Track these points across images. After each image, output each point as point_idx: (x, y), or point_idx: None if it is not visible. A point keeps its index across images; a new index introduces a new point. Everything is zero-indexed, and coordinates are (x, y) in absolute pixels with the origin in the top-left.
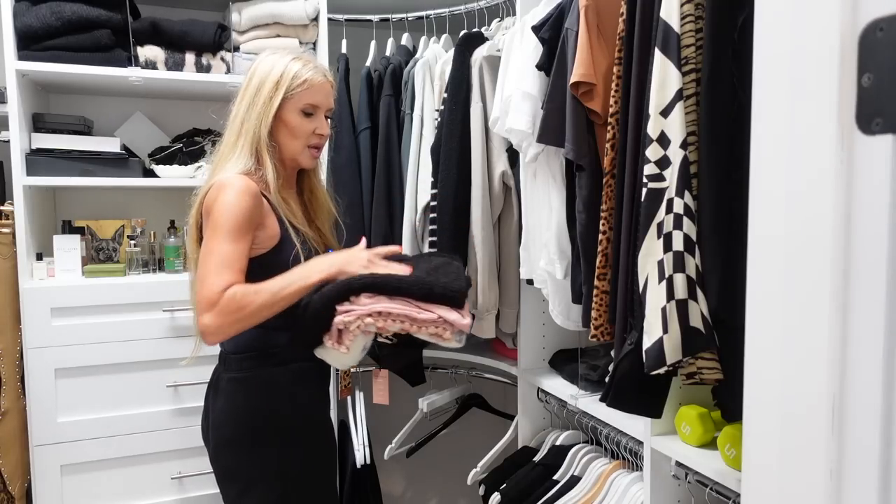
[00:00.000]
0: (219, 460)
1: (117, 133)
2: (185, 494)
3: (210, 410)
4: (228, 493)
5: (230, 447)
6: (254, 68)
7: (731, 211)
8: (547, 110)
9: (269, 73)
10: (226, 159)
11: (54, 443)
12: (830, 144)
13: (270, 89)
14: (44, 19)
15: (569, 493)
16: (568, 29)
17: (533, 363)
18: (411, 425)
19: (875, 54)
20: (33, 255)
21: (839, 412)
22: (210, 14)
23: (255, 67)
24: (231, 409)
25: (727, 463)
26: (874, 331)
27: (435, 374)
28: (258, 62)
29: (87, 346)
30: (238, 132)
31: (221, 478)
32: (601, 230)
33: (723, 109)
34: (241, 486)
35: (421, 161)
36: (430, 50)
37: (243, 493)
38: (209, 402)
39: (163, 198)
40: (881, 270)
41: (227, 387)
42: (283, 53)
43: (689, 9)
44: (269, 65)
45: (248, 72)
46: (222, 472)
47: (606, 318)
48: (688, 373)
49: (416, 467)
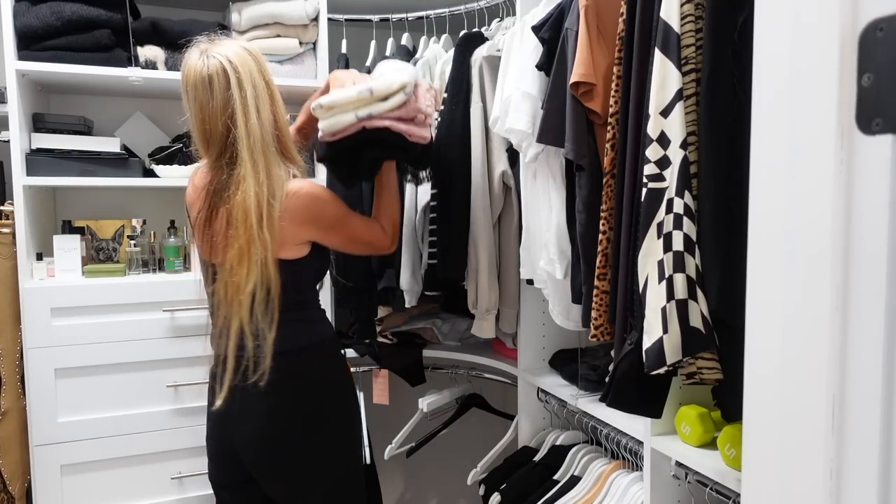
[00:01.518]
0: (280, 458)
1: (117, 133)
2: (185, 494)
3: (258, 412)
4: (296, 488)
5: (297, 442)
6: (236, 63)
7: (731, 211)
8: (547, 110)
9: (251, 71)
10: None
11: (54, 443)
12: (830, 144)
13: (266, 87)
14: (44, 19)
15: (569, 493)
16: (568, 29)
17: (533, 363)
18: (411, 425)
19: (875, 54)
20: (33, 255)
21: (839, 412)
22: (210, 14)
23: (237, 61)
24: (319, 399)
25: (727, 463)
26: (874, 331)
27: (435, 374)
28: (235, 57)
29: (87, 346)
30: (260, 139)
31: (281, 475)
32: (601, 230)
33: (723, 109)
34: (322, 456)
35: None
36: (430, 50)
37: (324, 457)
38: (253, 404)
39: (163, 198)
40: (881, 270)
41: (314, 380)
42: (207, 52)
43: (689, 9)
44: (241, 63)
45: (229, 83)
46: (287, 468)
47: (606, 318)
48: (688, 373)
49: (416, 467)
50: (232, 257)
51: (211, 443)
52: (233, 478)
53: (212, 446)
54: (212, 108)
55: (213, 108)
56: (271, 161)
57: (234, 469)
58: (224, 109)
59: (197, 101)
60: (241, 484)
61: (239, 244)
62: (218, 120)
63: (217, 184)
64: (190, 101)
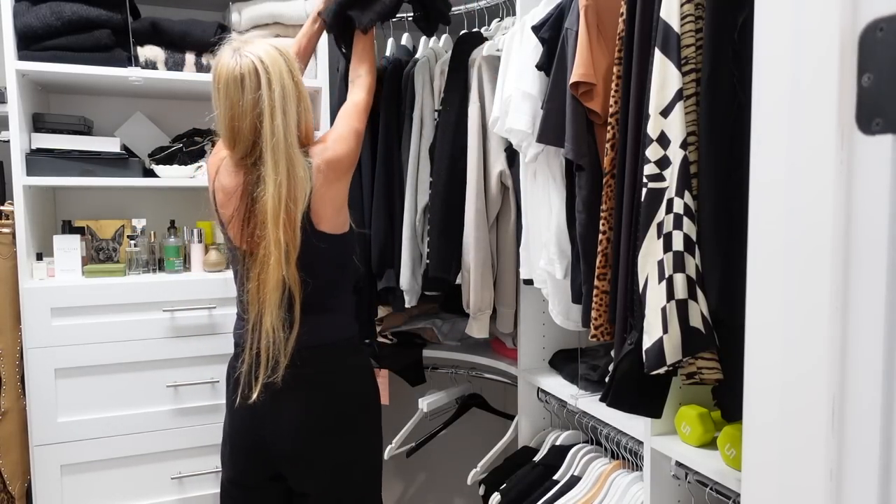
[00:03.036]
0: (316, 451)
1: (117, 133)
2: (185, 494)
3: (296, 405)
4: (329, 480)
5: (334, 435)
6: (264, 71)
7: (731, 211)
8: (547, 110)
9: (281, 71)
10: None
11: (54, 443)
12: (830, 144)
13: (294, 87)
14: (44, 19)
15: (569, 493)
16: (568, 29)
17: (533, 363)
18: (411, 425)
19: (875, 54)
20: (33, 255)
21: (839, 412)
22: (210, 14)
23: (268, 62)
24: (353, 392)
25: (727, 463)
26: (874, 331)
27: (435, 374)
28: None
29: (87, 346)
30: (283, 140)
31: (316, 468)
32: (601, 230)
33: (723, 109)
34: (359, 454)
35: (421, 161)
36: (429, 50)
37: (361, 454)
38: (290, 398)
39: (163, 198)
40: (881, 270)
41: (348, 374)
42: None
43: (689, 9)
44: (272, 62)
45: (259, 82)
46: (322, 461)
47: (606, 318)
48: (688, 373)
49: (416, 467)
50: (260, 256)
51: (234, 439)
52: (255, 475)
53: (235, 442)
54: (241, 107)
55: (242, 106)
56: (294, 162)
57: (259, 466)
58: (253, 109)
59: (228, 98)
60: (262, 481)
61: (264, 243)
62: (246, 119)
63: (249, 184)
64: (220, 98)
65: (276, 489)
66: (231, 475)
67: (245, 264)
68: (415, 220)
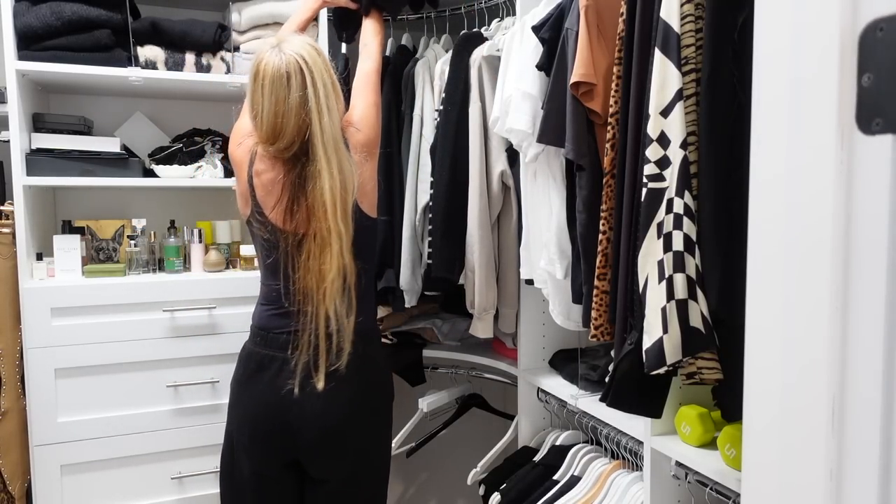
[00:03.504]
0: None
1: (117, 133)
2: (184, 494)
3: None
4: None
5: (375, 416)
6: (308, 69)
7: (731, 211)
8: (547, 110)
9: (321, 70)
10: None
11: (54, 443)
12: (830, 144)
13: (332, 85)
14: (44, 19)
15: (569, 493)
16: (568, 29)
17: (533, 363)
18: (411, 425)
19: (875, 54)
20: (33, 255)
21: (839, 412)
22: (210, 14)
23: (310, 60)
24: (382, 381)
25: (727, 463)
26: (874, 331)
27: (435, 374)
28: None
29: (87, 346)
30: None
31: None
32: (601, 230)
33: (723, 109)
34: (381, 443)
35: (421, 161)
36: (430, 50)
37: (382, 443)
38: (334, 385)
39: (163, 198)
40: (881, 270)
41: (379, 361)
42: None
43: (689, 9)
44: (314, 62)
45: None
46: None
47: (606, 318)
48: (688, 373)
49: (416, 467)
50: (314, 247)
51: (257, 424)
52: (275, 463)
53: (257, 428)
54: (288, 105)
55: (289, 104)
56: (342, 157)
57: (280, 452)
58: (300, 107)
59: (273, 95)
60: (280, 470)
61: (321, 235)
62: (292, 116)
63: (293, 175)
64: (264, 94)
65: (291, 479)
66: (250, 465)
67: (289, 250)
68: (415, 220)
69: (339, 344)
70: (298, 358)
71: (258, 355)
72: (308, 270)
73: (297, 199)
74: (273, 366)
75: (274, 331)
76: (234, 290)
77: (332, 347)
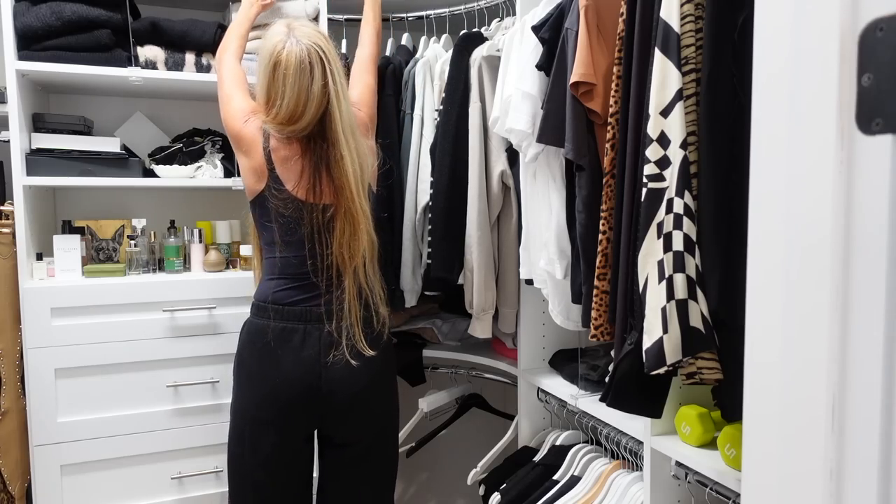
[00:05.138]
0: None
1: (117, 133)
2: (185, 494)
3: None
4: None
5: (393, 383)
6: (326, 57)
7: (731, 211)
8: (547, 110)
9: (335, 59)
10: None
11: (54, 443)
12: (830, 144)
13: (343, 72)
14: (44, 19)
15: (569, 493)
16: (568, 29)
17: (533, 363)
18: (411, 425)
19: (875, 54)
20: (33, 255)
21: (839, 412)
22: (210, 14)
23: (326, 49)
24: (392, 355)
25: (727, 463)
26: (874, 331)
27: (435, 374)
28: (322, 44)
29: (87, 346)
30: (349, 121)
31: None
32: (601, 230)
33: (723, 109)
34: (397, 409)
35: (421, 161)
36: (430, 50)
37: (397, 410)
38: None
39: (163, 198)
40: (881, 270)
41: (388, 344)
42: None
43: (689, 9)
44: (328, 51)
45: (325, 68)
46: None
47: (606, 318)
48: (688, 373)
49: (416, 467)
50: (346, 224)
51: (285, 397)
52: (302, 432)
53: (285, 401)
54: (311, 93)
55: (312, 92)
56: (359, 140)
57: (306, 420)
58: (322, 94)
59: (297, 85)
60: (301, 442)
61: (351, 213)
62: (314, 102)
63: (309, 153)
64: (287, 83)
65: (309, 451)
66: (274, 439)
67: (314, 223)
68: (415, 220)
69: (375, 309)
70: (334, 326)
71: (276, 329)
72: (341, 245)
73: (319, 175)
74: (294, 337)
75: (289, 303)
76: (234, 290)
77: (370, 315)
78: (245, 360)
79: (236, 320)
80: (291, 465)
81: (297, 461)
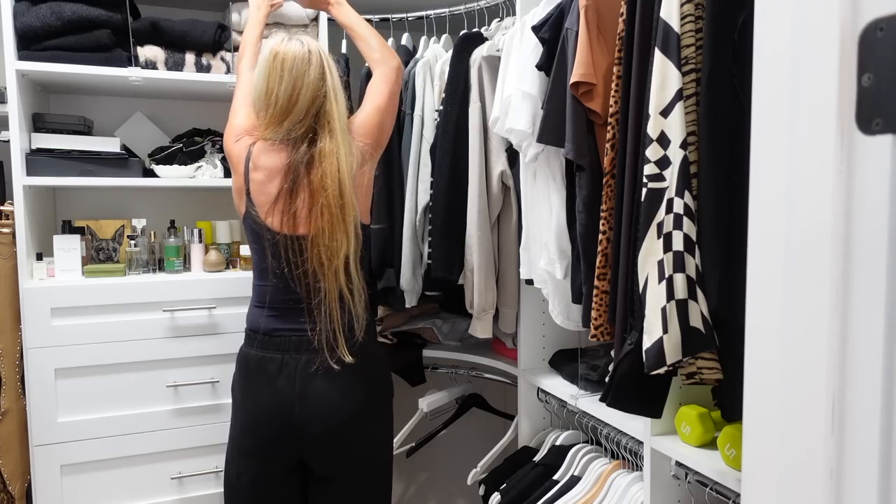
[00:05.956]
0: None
1: (117, 133)
2: (185, 494)
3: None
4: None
5: (378, 413)
6: (326, 59)
7: (731, 211)
8: (547, 110)
9: (333, 64)
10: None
11: (54, 443)
12: (830, 144)
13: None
14: (44, 19)
15: (569, 493)
16: (568, 29)
17: (533, 363)
18: (411, 425)
19: (875, 54)
20: (33, 255)
21: (839, 412)
22: (210, 14)
23: (324, 53)
24: (382, 378)
25: (727, 463)
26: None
27: (435, 374)
28: (322, 48)
29: (87, 346)
30: (345, 119)
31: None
32: (601, 230)
33: (723, 109)
34: (385, 439)
35: (421, 161)
36: (430, 50)
37: (386, 440)
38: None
39: (163, 198)
40: (881, 270)
41: (375, 356)
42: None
43: (689, 9)
44: (325, 55)
45: (323, 64)
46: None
47: (606, 318)
48: (688, 373)
49: (416, 467)
50: (325, 224)
51: (260, 427)
52: (281, 464)
53: (262, 430)
54: (307, 79)
55: (308, 78)
56: (349, 141)
57: (285, 453)
58: (317, 86)
59: (294, 71)
60: (284, 472)
61: (331, 211)
62: (309, 92)
63: (294, 161)
64: (284, 74)
65: (296, 480)
66: (256, 468)
67: (284, 252)
68: (415, 220)
69: (352, 322)
70: (315, 339)
71: (255, 358)
72: (317, 250)
73: (299, 180)
74: (271, 368)
75: (269, 332)
76: (234, 290)
77: (351, 319)
78: (234, 387)
79: (236, 320)
80: (278, 495)
81: (283, 490)
